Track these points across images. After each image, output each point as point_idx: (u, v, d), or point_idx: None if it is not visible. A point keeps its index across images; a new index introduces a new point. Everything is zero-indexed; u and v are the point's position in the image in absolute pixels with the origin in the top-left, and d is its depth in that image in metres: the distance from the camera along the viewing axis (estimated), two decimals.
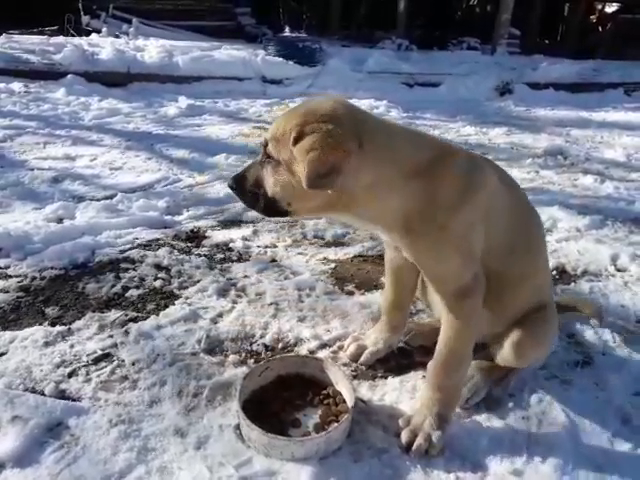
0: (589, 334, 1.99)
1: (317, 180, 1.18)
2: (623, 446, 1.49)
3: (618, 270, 2.52)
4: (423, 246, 1.35)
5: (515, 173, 4.02)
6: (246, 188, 1.37)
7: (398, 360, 1.81)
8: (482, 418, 1.56)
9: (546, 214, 3.08)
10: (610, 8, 17.21)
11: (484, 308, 1.49)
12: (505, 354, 1.59)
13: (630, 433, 1.53)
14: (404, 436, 1.44)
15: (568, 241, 2.81)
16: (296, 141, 1.21)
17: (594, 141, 5.32)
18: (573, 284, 2.39)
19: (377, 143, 1.26)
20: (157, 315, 2.00)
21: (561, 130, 5.75)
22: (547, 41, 16.71)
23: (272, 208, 1.33)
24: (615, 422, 1.57)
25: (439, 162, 1.33)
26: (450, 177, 1.33)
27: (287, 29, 15.44)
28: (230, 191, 1.42)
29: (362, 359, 1.77)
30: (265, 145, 1.32)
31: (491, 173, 1.42)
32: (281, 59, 8.31)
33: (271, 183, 1.30)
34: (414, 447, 1.41)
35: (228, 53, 8.53)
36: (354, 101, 1.91)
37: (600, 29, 16.34)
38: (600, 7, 17.23)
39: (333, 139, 1.18)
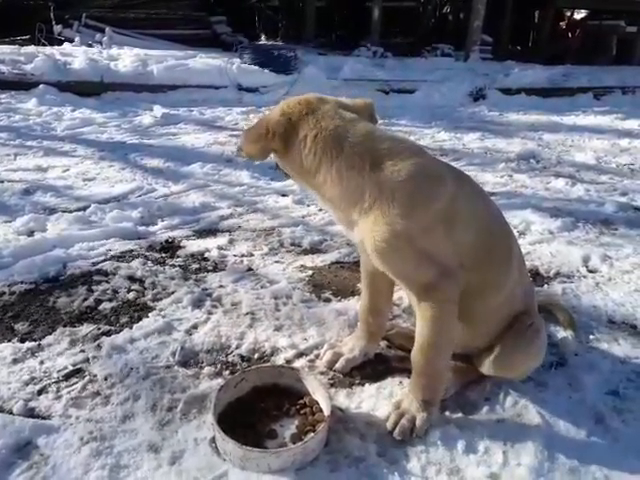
0: (562, 335, 2.01)
1: (246, 146, 1.49)
2: (596, 446, 1.51)
3: (590, 271, 2.57)
4: (373, 243, 1.35)
5: (489, 177, 4.08)
6: None
7: (375, 367, 1.81)
8: (459, 423, 1.56)
9: (519, 217, 3.13)
10: (579, 15, 17.68)
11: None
12: (492, 366, 1.59)
13: (603, 432, 1.55)
14: (391, 419, 1.48)
15: (541, 243, 2.86)
16: None
17: (565, 145, 5.42)
18: (546, 286, 2.42)
19: (320, 137, 1.39)
20: (130, 328, 1.96)
21: (533, 134, 5.85)
22: (518, 47, 17.04)
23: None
24: (589, 422, 1.59)
25: (405, 166, 1.35)
26: (409, 181, 1.34)
27: (263, 37, 15.50)
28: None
29: (337, 366, 1.76)
30: None
31: (453, 187, 1.41)
32: (257, 67, 8.28)
33: None
34: (397, 427, 1.45)
35: (203, 61, 8.48)
36: None
37: (569, 35, 16.75)
38: (569, 14, 17.67)
39: (266, 122, 1.45)
